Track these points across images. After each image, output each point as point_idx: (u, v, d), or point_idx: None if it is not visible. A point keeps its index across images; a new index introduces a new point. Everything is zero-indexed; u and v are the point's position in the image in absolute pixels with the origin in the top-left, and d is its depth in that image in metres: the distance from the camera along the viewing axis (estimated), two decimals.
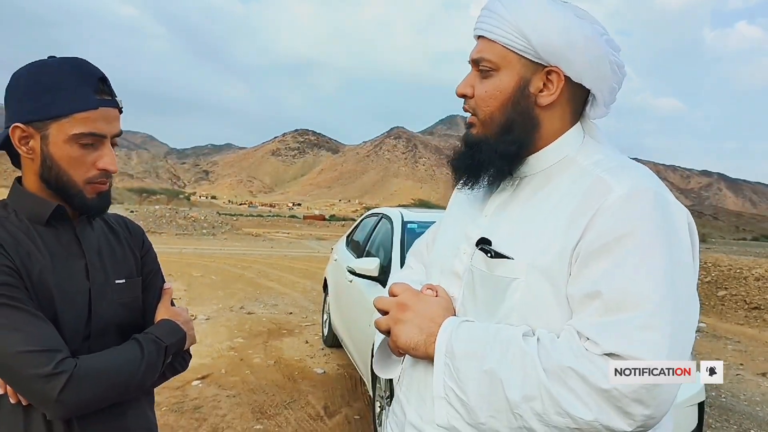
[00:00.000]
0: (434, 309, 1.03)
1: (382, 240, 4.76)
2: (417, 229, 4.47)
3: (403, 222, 4.47)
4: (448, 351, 0.94)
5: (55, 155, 1.07)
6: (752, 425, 4.55)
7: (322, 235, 33.55)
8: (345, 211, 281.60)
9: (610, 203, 0.88)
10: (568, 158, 1.02)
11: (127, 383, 1.07)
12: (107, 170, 1.12)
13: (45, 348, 0.98)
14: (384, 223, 4.91)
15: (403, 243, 4.19)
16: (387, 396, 3.38)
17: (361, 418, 4.16)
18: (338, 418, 4.14)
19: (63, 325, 1.07)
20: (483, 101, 1.02)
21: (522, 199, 1.03)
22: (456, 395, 0.92)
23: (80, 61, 1.10)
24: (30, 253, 1.07)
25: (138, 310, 1.25)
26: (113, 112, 1.11)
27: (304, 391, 4.64)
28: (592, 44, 0.96)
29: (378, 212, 5.52)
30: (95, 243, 1.20)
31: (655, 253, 0.85)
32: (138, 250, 1.31)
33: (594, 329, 0.84)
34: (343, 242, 6.12)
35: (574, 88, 1.00)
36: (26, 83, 1.06)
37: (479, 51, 1.02)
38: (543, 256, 0.92)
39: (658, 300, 0.82)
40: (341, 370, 5.25)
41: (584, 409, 0.81)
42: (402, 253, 4.08)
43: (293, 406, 4.29)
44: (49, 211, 1.11)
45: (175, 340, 1.19)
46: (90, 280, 1.14)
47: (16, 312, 0.99)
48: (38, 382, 0.96)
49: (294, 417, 4.09)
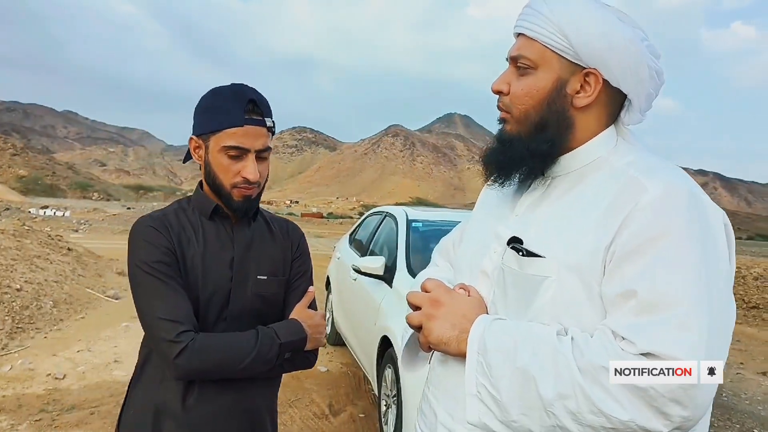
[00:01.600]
0: (467, 306, 1.03)
1: (386, 239, 4.76)
2: (422, 227, 4.48)
3: (408, 221, 4.48)
4: (481, 348, 0.95)
5: (212, 162, 1.31)
6: (755, 424, 4.58)
7: (320, 233, 33.51)
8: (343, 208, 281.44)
9: (645, 203, 0.88)
10: (601, 159, 1.02)
11: (233, 365, 1.23)
12: (248, 179, 1.29)
13: (175, 319, 1.20)
14: (388, 222, 4.91)
15: (408, 242, 4.20)
16: (393, 395, 3.39)
17: (366, 416, 4.17)
18: (343, 417, 4.15)
19: (202, 304, 1.29)
20: (519, 99, 1.01)
21: (553, 199, 1.03)
22: (488, 392, 0.92)
23: (241, 86, 1.32)
24: (189, 240, 1.32)
25: (277, 305, 1.42)
26: (260, 130, 1.29)
27: (308, 389, 4.65)
28: (633, 49, 0.96)
29: (381, 211, 5.53)
30: (247, 239, 1.40)
31: (690, 254, 0.85)
32: (290, 253, 1.48)
33: (629, 329, 0.84)
34: (346, 240, 6.12)
35: (612, 92, 1.00)
36: (201, 103, 1.32)
37: (518, 48, 1.02)
38: (575, 255, 0.92)
39: (693, 300, 0.82)
40: (345, 369, 5.26)
41: (620, 409, 0.81)
42: (407, 251, 4.08)
43: (298, 405, 4.30)
44: (210, 208, 1.36)
45: (294, 339, 1.31)
46: (233, 270, 1.34)
47: (163, 285, 1.23)
48: (162, 344, 1.19)
49: (299, 415, 4.10)
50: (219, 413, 1.32)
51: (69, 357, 5.06)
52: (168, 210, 1.37)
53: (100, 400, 4.08)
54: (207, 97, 1.31)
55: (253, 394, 1.37)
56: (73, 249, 9.44)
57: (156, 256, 1.24)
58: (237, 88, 1.30)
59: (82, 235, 20.05)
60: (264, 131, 1.30)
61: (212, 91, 1.32)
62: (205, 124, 1.29)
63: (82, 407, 3.93)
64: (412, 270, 3.85)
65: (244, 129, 1.26)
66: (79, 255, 9.37)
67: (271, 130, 1.32)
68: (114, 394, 4.21)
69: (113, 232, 22.12)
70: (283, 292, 1.43)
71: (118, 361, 5.01)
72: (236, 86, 1.31)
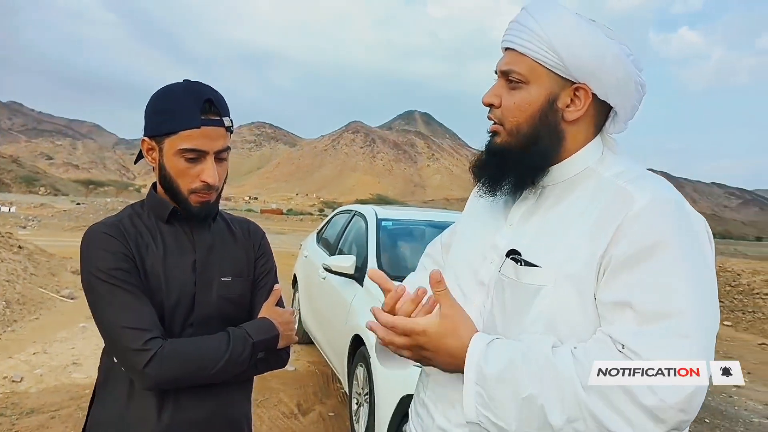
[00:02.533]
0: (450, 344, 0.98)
1: (355, 237, 4.77)
2: (391, 226, 4.50)
3: (377, 220, 4.49)
4: (479, 378, 0.93)
5: (167, 165, 1.24)
6: (705, 414, 4.79)
7: (281, 230, 33.18)
8: (302, 205, 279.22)
9: (635, 213, 0.91)
10: (589, 169, 1.05)
11: (206, 369, 1.19)
12: (207, 182, 1.24)
13: (140, 327, 1.14)
14: (357, 221, 4.92)
15: (378, 241, 4.21)
16: (365, 393, 3.40)
17: (335, 415, 4.17)
18: (312, 416, 4.14)
19: (167, 310, 1.24)
20: (511, 112, 1.03)
21: (545, 209, 1.05)
22: (492, 422, 0.92)
23: (197, 84, 1.26)
24: (148, 246, 1.26)
25: (245, 307, 1.38)
26: (218, 130, 1.24)
27: (275, 389, 4.61)
28: (620, 64, 0.99)
29: (350, 209, 5.52)
30: (208, 242, 1.34)
31: (684, 263, 0.88)
32: (252, 253, 1.43)
33: (632, 338, 0.86)
34: (314, 239, 6.09)
35: (598, 104, 1.03)
36: (152, 104, 1.25)
37: (508, 63, 1.04)
38: (570, 264, 0.94)
39: (691, 308, 0.85)
40: (312, 367, 5.24)
41: (626, 426, 0.82)
42: (378, 250, 4.10)
43: (266, 405, 4.26)
44: (167, 211, 1.29)
45: (265, 337, 1.28)
46: (196, 274, 1.29)
47: (124, 293, 1.17)
48: (129, 354, 1.13)
49: (267, 415, 4.07)
50: (198, 423, 1.27)
51: (25, 359, 4.88)
52: (122, 215, 1.30)
53: (60, 404, 3.95)
54: (159, 97, 1.24)
55: (230, 400, 1.34)
56: (23, 247, 9.08)
57: (113, 263, 1.18)
58: (192, 86, 1.25)
59: (31, 232, 19.24)
60: (222, 131, 1.24)
61: (165, 91, 1.25)
62: (159, 125, 1.22)
63: (41, 411, 3.81)
64: (383, 269, 3.87)
65: (202, 130, 1.20)
66: (30, 253, 9.02)
67: (230, 129, 1.26)
68: (74, 397, 4.08)
69: (64, 229, 21.34)
70: (249, 293, 1.39)
71: (77, 363, 4.86)
72: (191, 84, 1.26)
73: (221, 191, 1.33)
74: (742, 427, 4.64)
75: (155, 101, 1.24)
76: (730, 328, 8.90)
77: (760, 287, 9.70)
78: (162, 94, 1.24)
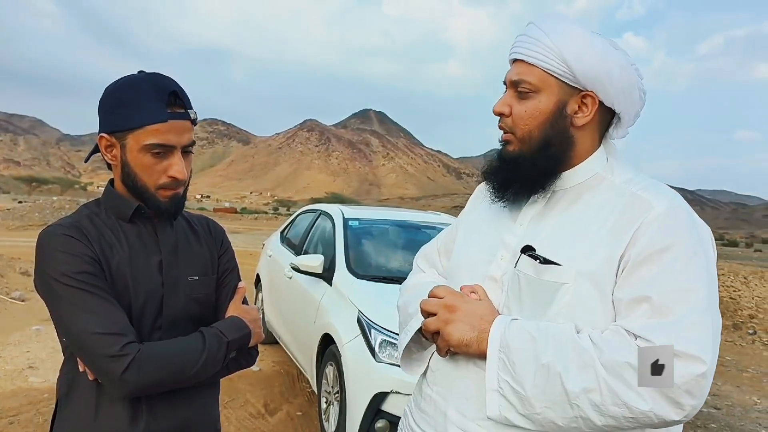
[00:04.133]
0: (482, 309, 1.09)
1: (321, 237, 4.78)
2: (358, 225, 4.54)
3: (344, 219, 4.52)
4: (503, 346, 1.01)
5: (131, 162, 1.19)
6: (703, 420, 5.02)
7: (235, 229, 32.64)
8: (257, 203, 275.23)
9: (653, 218, 1.00)
10: (598, 176, 1.12)
11: (185, 371, 1.16)
12: (176, 178, 1.20)
13: (114, 331, 1.09)
14: (323, 220, 4.93)
15: (346, 240, 4.24)
16: (335, 392, 3.43)
17: (303, 414, 4.18)
18: (280, 415, 4.13)
19: (135, 313, 1.19)
20: (522, 120, 1.10)
21: (558, 211, 1.12)
22: (511, 387, 0.99)
23: (158, 76, 1.21)
24: (112, 246, 1.20)
25: (211, 306, 1.34)
26: (184, 124, 1.20)
27: (241, 389, 4.58)
28: (626, 73, 1.07)
29: (315, 209, 5.53)
30: (173, 240, 1.30)
31: (695, 263, 0.97)
32: (216, 250, 1.40)
33: (646, 329, 0.93)
34: (278, 238, 6.06)
35: (604, 111, 1.11)
36: (110, 98, 1.18)
37: (519, 73, 1.10)
38: (590, 263, 1.01)
39: (701, 302, 0.94)
40: (277, 367, 5.22)
41: (641, 401, 0.89)
42: (345, 249, 4.13)
43: (232, 405, 4.23)
44: (131, 209, 1.23)
45: (238, 336, 1.26)
46: (163, 274, 1.25)
47: (93, 297, 1.10)
48: (105, 361, 1.08)
49: (234, 416, 4.04)
50: (173, 430, 1.24)
51: None
52: (79, 216, 1.23)
53: (17, 409, 3.82)
54: (119, 90, 1.18)
55: (203, 404, 1.32)
56: None
57: (78, 266, 1.11)
58: (156, 79, 1.19)
59: None
60: (188, 125, 1.21)
61: (125, 83, 1.18)
62: (122, 120, 1.16)
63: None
64: (351, 268, 3.90)
65: (169, 124, 1.16)
66: None
67: (194, 122, 1.23)
68: (33, 401, 3.95)
69: (8, 228, 20.41)
70: (214, 292, 1.36)
71: (33, 367, 4.68)
72: (153, 76, 1.20)
73: (188, 186, 1.29)
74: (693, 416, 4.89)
75: (114, 94, 1.18)
76: None
77: None
78: (122, 86, 1.18)
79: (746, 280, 10.03)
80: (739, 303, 9.27)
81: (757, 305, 9.12)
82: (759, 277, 10.14)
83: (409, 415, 1.27)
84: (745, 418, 4.98)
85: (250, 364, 1.35)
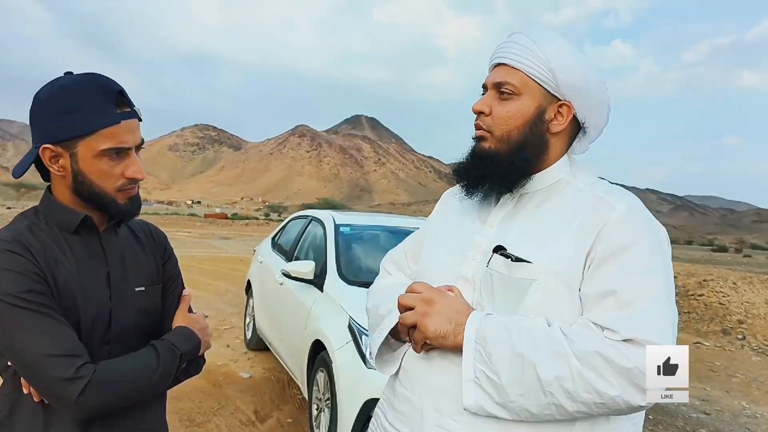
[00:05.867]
0: (458, 304, 1.14)
1: (312, 243, 4.77)
2: (349, 231, 4.53)
3: (335, 225, 4.52)
4: (479, 338, 1.05)
5: (85, 170, 1.13)
6: (648, 410, 5.04)
7: (226, 234, 32.50)
8: (248, 209, 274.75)
9: (615, 218, 1.07)
10: (563, 180, 1.19)
11: (143, 388, 1.13)
12: (135, 178, 1.17)
13: (67, 353, 1.04)
14: (315, 226, 4.92)
15: (337, 246, 4.23)
16: (326, 398, 3.41)
17: (294, 421, 4.15)
18: (270, 423, 4.10)
19: (84, 330, 1.13)
20: (503, 120, 1.15)
21: (527, 212, 1.17)
22: (487, 377, 1.03)
23: (98, 77, 1.15)
24: (57, 260, 1.13)
25: (158, 316, 1.31)
26: (134, 123, 1.17)
27: (231, 396, 4.55)
28: (600, 91, 1.16)
29: (306, 215, 5.52)
30: (119, 251, 1.25)
31: (654, 259, 1.05)
32: (160, 257, 1.36)
33: (612, 321, 0.99)
34: (269, 244, 6.04)
35: (574, 123, 1.18)
36: (50, 105, 1.11)
37: (503, 75, 1.15)
38: (559, 261, 1.07)
39: (661, 295, 1.02)
40: (267, 374, 5.18)
41: (610, 387, 0.96)
42: (337, 255, 4.12)
43: (222, 413, 4.20)
44: (77, 221, 1.17)
45: (190, 347, 1.24)
46: (111, 287, 1.20)
47: (42, 317, 1.05)
48: (60, 385, 1.02)
49: (225, 423, 4.01)
50: None
51: None
52: (19, 228, 1.14)
53: None
54: (60, 96, 1.10)
55: (155, 416, 1.31)
56: None
57: (24, 284, 1.04)
58: (97, 80, 1.13)
59: None
60: (137, 123, 1.17)
61: (64, 88, 1.11)
62: (70, 128, 1.09)
63: None
64: (343, 274, 3.89)
65: (122, 125, 1.12)
66: None
67: (141, 119, 1.19)
68: None
69: None
70: (161, 301, 1.32)
71: None
72: (94, 78, 1.14)
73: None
74: (682, 421, 4.91)
75: (55, 101, 1.10)
76: None
77: (695, 289, 10.25)
78: (61, 92, 1.11)
79: (735, 285, 10.11)
80: (728, 308, 9.33)
81: (746, 310, 9.18)
82: (748, 283, 10.22)
83: (382, 415, 1.29)
84: (734, 423, 5.01)
85: (198, 372, 1.34)
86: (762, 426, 5.02)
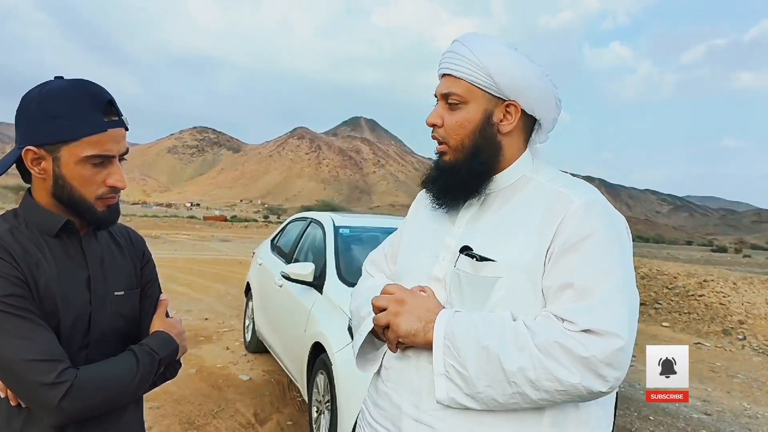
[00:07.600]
0: (429, 302, 1.18)
1: (312, 245, 4.75)
2: (348, 233, 4.52)
3: (335, 227, 4.50)
4: (448, 333, 1.09)
5: (67, 175, 1.13)
6: (650, 412, 5.03)
7: (225, 237, 32.47)
8: (247, 211, 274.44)
9: (573, 211, 1.11)
10: (526, 177, 1.24)
11: (123, 393, 1.15)
12: (117, 187, 1.18)
13: (49, 358, 1.05)
14: (314, 228, 4.91)
15: (336, 248, 4.22)
16: (326, 401, 3.40)
17: (294, 423, 4.14)
18: (270, 425, 4.09)
19: (64, 334, 1.13)
20: (453, 130, 1.20)
21: (492, 212, 1.22)
22: (456, 370, 1.07)
23: (88, 84, 1.16)
24: (38, 264, 1.13)
25: (136, 320, 1.32)
26: (120, 132, 1.17)
27: (231, 399, 4.53)
28: (542, 83, 1.20)
29: (305, 216, 5.51)
30: (99, 255, 1.26)
31: (611, 250, 1.09)
32: (138, 261, 1.37)
33: (571, 313, 1.04)
34: (268, 246, 6.03)
35: (526, 118, 1.22)
36: (38, 108, 1.11)
37: (448, 87, 1.20)
38: (522, 257, 1.11)
39: (618, 286, 1.05)
40: (267, 376, 5.17)
41: (570, 375, 1.00)
42: (336, 257, 4.11)
43: (222, 415, 4.18)
44: (58, 224, 1.17)
45: (168, 352, 1.26)
46: (91, 291, 1.21)
47: (23, 321, 1.05)
48: (41, 390, 1.03)
49: (224, 426, 4.00)
50: None
51: None
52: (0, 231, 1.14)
53: None
54: (47, 100, 1.11)
55: (131, 421, 1.31)
56: None
57: (5, 289, 1.05)
58: (88, 87, 1.14)
59: None
60: (124, 132, 1.18)
61: (54, 92, 1.12)
62: (56, 132, 1.10)
63: None
64: (342, 276, 3.88)
65: (108, 134, 1.13)
66: None
67: (127, 128, 1.20)
68: None
69: None
70: (139, 305, 1.33)
71: None
72: (84, 84, 1.15)
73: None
74: (683, 422, 4.90)
75: (43, 105, 1.10)
76: (668, 329, 9.34)
77: (695, 289, 10.24)
78: (50, 96, 1.11)
79: (735, 285, 10.10)
80: (729, 309, 9.32)
81: (746, 311, 9.18)
82: (748, 283, 10.22)
83: (366, 411, 1.34)
84: (735, 424, 5.00)
85: (174, 376, 1.35)
86: (763, 426, 5.01)
